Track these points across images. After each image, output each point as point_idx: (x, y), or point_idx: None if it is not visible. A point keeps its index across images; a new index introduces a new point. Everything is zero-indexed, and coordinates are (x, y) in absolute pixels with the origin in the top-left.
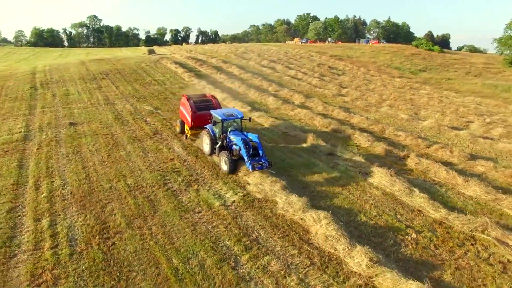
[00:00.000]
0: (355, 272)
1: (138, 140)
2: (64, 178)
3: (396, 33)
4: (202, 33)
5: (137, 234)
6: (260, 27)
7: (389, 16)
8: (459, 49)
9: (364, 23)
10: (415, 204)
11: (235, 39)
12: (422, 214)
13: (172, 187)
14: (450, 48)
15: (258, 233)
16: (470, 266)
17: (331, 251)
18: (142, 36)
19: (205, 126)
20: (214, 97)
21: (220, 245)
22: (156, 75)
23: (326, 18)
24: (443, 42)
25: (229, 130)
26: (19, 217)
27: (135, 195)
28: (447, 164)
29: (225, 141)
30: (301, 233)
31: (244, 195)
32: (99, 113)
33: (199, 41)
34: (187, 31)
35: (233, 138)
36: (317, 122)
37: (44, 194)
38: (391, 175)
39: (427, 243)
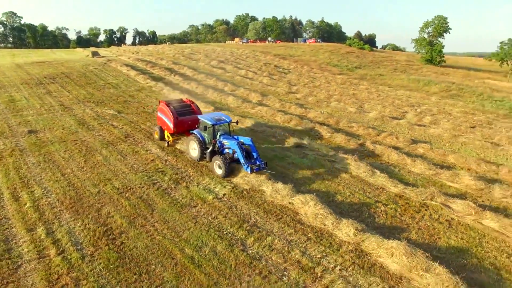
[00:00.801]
0: (345, 240)
1: (111, 144)
2: (44, 186)
3: (329, 33)
4: (139, 33)
5: (142, 232)
6: (200, 27)
7: (323, 17)
8: (384, 47)
9: (300, 23)
10: (378, 183)
11: (173, 39)
12: (385, 191)
13: (162, 186)
14: (376, 47)
15: (255, 219)
16: (427, 226)
17: (321, 227)
18: (73, 36)
19: (191, 131)
20: (193, 102)
21: (225, 232)
22: (109, 79)
23: (264, 18)
24: (370, 41)
25: (218, 134)
26: (8, 229)
27: (127, 196)
28: (395, 148)
29: (216, 146)
30: (292, 215)
31: (232, 188)
32: (59, 119)
33: (136, 42)
34: (123, 31)
35: (226, 142)
36: (278, 118)
37: (28, 205)
38: (355, 160)
39: (393, 212)
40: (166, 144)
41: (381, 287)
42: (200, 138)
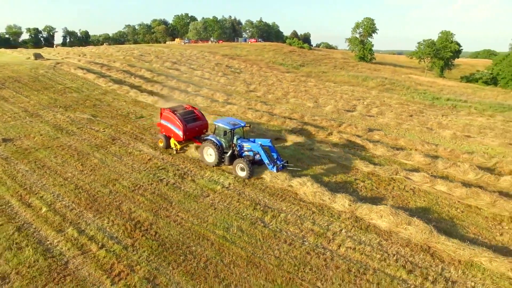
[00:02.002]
0: (342, 210)
1: (101, 147)
2: (51, 191)
3: (268, 32)
4: (69, 33)
5: (170, 222)
6: (137, 27)
7: (261, 17)
8: (318, 45)
9: (240, 23)
10: (353, 165)
11: (109, 40)
12: (359, 170)
13: (169, 181)
14: (311, 45)
15: (263, 201)
16: (398, 194)
17: (320, 202)
18: None
19: (206, 137)
20: (195, 108)
21: (243, 214)
22: (66, 82)
23: (203, 18)
24: (306, 40)
25: (235, 138)
26: (36, 233)
27: (141, 193)
28: (356, 136)
29: (236, 149)
30: (293, 196)
31: (234, 177)
32: (31, 126)
33: (67, 42)
34: (51, 31)
35: (247, 145)
36: (250, 115)
37: (44, 209)
38: (330, 148)
39: (371, 186)
40: (174, 152)
41: (378, 240)
42: (217, 143)
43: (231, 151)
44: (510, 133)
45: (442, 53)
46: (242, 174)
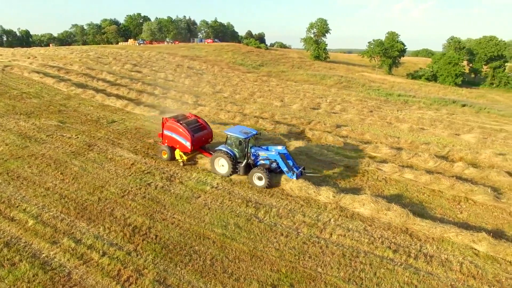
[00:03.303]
0: (327, 202)
1: (78, 154)
2: (35, 203)
3: (223, 32)
4: (6, 32)
5: (168, 224)
6: (85, 27)
7: (216, 17)
8: (272, 45)
9: (195, 23)
10: (329, 159)
11: (54, 40)
12: (336, 164)
13: (158, 185)
14: (267, 45)
15: (254, 198)
16: (373, 184)
17: (306, 195)
18: None
19: (217, 148)
20: (198, 116)
21: (237, 211)
22: (22, 87)
23: (157, 18)
24: (261, 40)
25: (249, 147)
26: (27, 247)
27: (132, 198)
28: (326, 132)
29: (251, 158)
30: (280, 191)
31: (221, 177)
32: None
33: (4, 42)
34: None
35: (263, 153)
36: (222, 116)
37: (31, 222)
38: (307, 143)
39: (348, 178)
40: (181, 164)
41: (363, 226)
42: (230, 153)
43: (245, 160)
44: (455, 125)
45: (390, 52)
46: (260, 183)
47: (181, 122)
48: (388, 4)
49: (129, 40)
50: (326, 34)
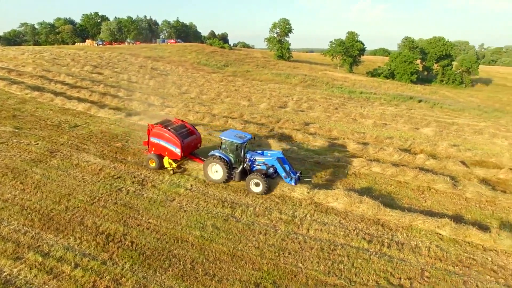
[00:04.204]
0: (302, 198)
1: (39, 162)
2: None
3: (186, 33)
4: None
5: (143, 230)
6: (37, 26)
7: (178, 17)
8: (235, 45)
9: (156, 23)
10: (301, 156)
11: None
12: (307, 161)
13: (129, 189)
14: (230, 45)
15: (229, 198)
16: (344, 179)
17: (281, 193)
18: None
19: (210, 153)
20: (184, 121)
21: (214, 212)
22: None
23: (117, 18)
24: (224, 40)
25: (244, 152)
26: None
27: (102, 205)
28: (295, 130)
29: (247, 164)
30: None
31: (195, 179)
32: None
33: None
34: None
35: (260, 158)
36: (191, 117)
37: None
38: (278, 142)
39: (321, 174)
40: (172, 172)
41: (338, 220)
42: (225, 159)
43: (241, 166)
44: (414, 119)
45: (351, 51)
46: (257, 190)
47: (168, 128)
48: (346, 5)
49: (87, 40)
50: (289, 34)
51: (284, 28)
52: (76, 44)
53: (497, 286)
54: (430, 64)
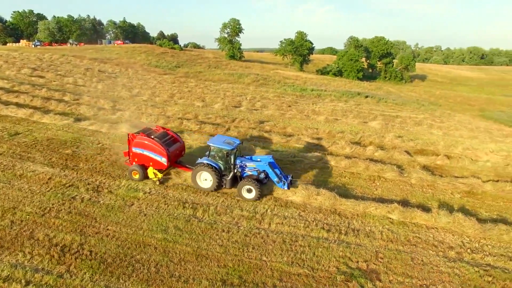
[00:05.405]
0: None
1: None
2: None
3: (134, 33)
4: None
5: (102, 237)
6: None
7: (124, 17)
8: (186, 46)
9: (101, 23)
10: (256, 154)
11: None
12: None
13: (84, 197)
14: (180, 46)
15: (190, 199)
16: (301, 173)
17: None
18: None
19: (198, 161)
20: (164, 128)
21: (175, 214)
22: None
23: (56, 17)
24: (174, 40)
25: (234, 158)
26: None
27: (55, 215)
28: (251, 128)
29: (238, 170)
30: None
31: (153, 182)
32: None
33: None
34: None
35: (252, 164)
36: (145, 119)
37: None
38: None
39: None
40: (158, 183)
41: (298, 212)
42: (215, 166)
43: (232, 173)
44: (362, 114)
45: (300, 50)
46: (250, 196)
47: (152, 136)
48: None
49: (22, 40)
50: (240, 34)
51: (235, 28)
52: (8, 44)
53: (437, 259)
54: (374, 62)
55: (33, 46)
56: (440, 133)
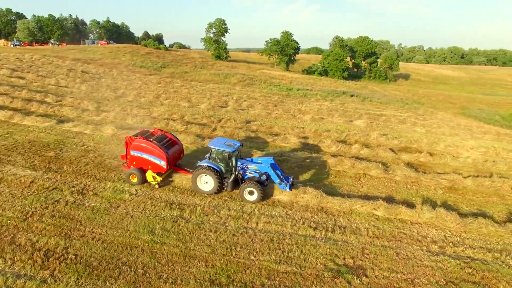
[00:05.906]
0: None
1: None
2: None
3: (118, 33)
4: None
5: (88, 240)
6: None
7: (108, 17)
8: (171, 46)
9: (84, 23)
10: (242, 153)
11: None
12: (251, 157)
13: (68, 200)
14: (166, 46)
15: (177, 199)
16: (287, 171)
17: (228, 191)
18: None
19: (198, 164)
20: (162, 130)
21: (162, 215)
22: None
23: (36, 16)
24: (159, 40)
25: (236, 160)
26: None
27: (38, 219)
28: (237, 128)
29: (239, 173)
30: None
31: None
32: None
33: None
34: None
35: (253, 166)
36: (130, 121)
37: None
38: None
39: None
40: (157, 187)
41: (285, 211)
42: (216, 169)
43: (233, 175)
44: (347, 113)
45: (286, 50)
46: (252, 198)
47: (150, 139)
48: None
49: (0, 40)
50: (226, 34)
51: (220, 28)
52: None
53: (421, 253)
54: (359, 61)
55: (12, 46)
56: (423, 131)
